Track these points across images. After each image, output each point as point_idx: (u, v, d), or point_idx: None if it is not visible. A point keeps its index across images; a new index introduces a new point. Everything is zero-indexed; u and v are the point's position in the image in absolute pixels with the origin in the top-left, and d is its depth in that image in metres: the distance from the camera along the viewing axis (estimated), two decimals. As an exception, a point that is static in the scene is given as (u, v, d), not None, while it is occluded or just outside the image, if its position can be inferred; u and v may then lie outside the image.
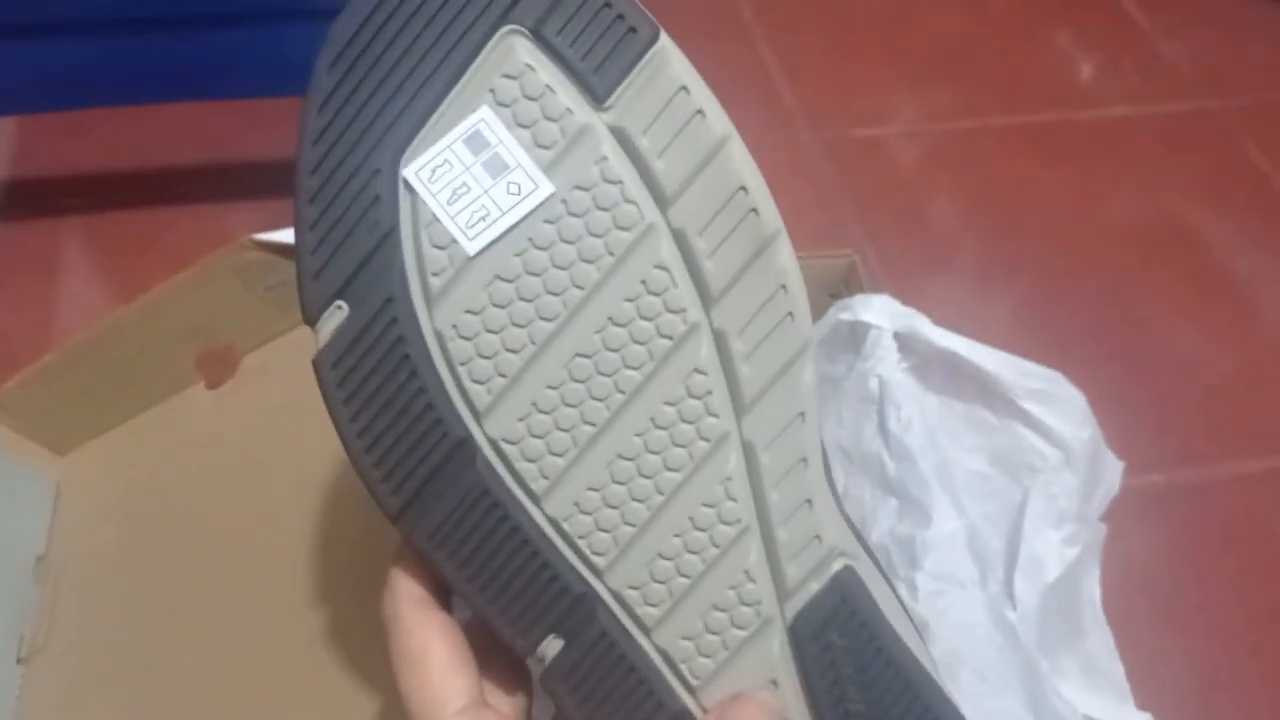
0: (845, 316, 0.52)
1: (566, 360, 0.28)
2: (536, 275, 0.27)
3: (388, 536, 0.31)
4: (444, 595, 0.32)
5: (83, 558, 0.55)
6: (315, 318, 0.28)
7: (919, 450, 0.47)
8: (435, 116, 0.27)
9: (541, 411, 0.28)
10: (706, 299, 0.28)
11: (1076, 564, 0.53)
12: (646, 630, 0.30)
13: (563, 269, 0.28)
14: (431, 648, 0.30)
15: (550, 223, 0.27)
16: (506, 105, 0.27)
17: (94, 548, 0.55)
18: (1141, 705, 0.54)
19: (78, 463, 0.58)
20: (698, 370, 0.28)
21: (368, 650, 0.48)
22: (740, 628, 0.30)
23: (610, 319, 0.28)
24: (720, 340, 0.29)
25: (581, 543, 0.29)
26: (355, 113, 0.27)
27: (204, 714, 0.48)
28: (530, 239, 0.27)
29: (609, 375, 0.28)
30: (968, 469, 0.52)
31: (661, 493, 0.29)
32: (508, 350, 0.28)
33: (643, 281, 0.28)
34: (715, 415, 0.29)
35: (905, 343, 0.51)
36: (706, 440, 0.29)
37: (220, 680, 0.49)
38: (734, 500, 0.29)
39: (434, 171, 0.27)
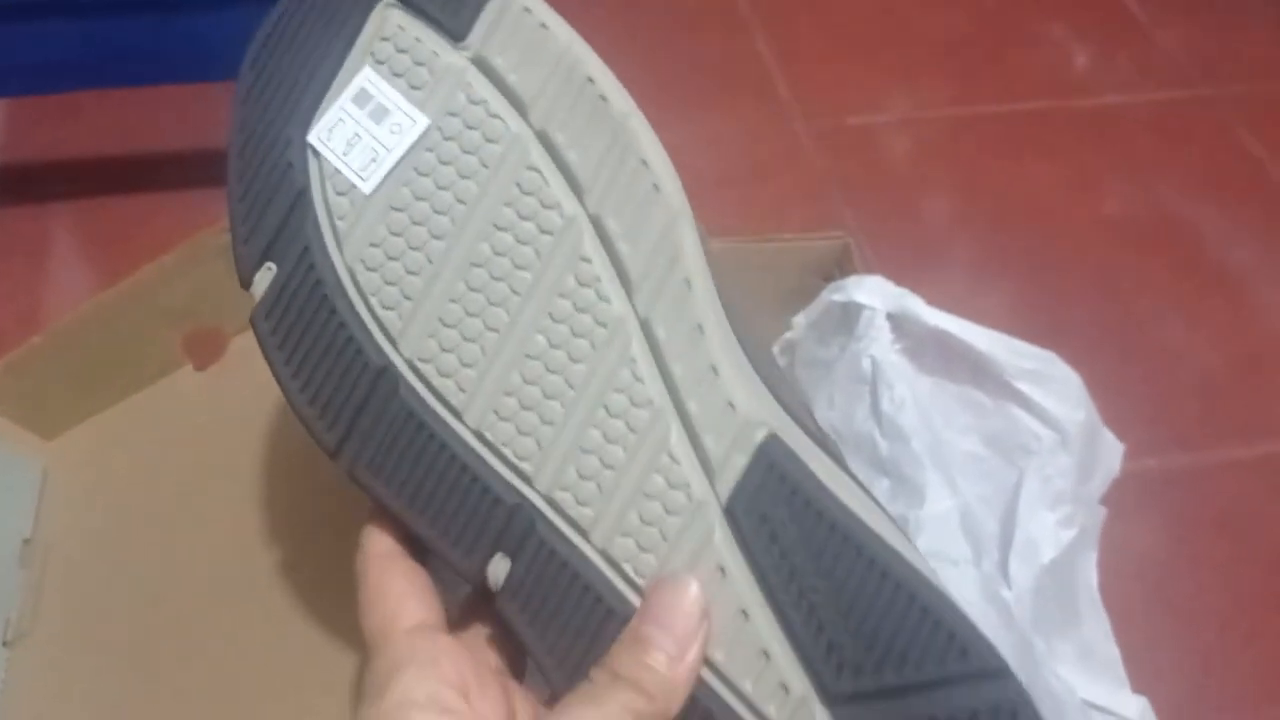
0: (838, 297, 0.51)
1: (462, 273, 0.30)
2: (424, 200, 0.31)
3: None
4: (414, 547, 0.33)
5: (70, 541, 0.54)
6: (249, 280, 0.32)
7: (912, 430, 0.47)
8: (332, 87, 0.32)
9: (448, 326, 0.30)
10: (577, 189, 0.31)
11: (1073, 546, 0.52)
12: (585, 533, 0.30)
13: (445, 189, 0.31)
14: (392, 584, 0.32)
15: (430, 150, 0.31)
16: (383, 62, 0.32)
17: (81, 531, 0.55)
18: (1136, 689, 0.53)
19: (65, 446, 0.58)
20: (582, 259, 0.30)
21: (359, 631, 0.47)
22: (674, 514, 0.29)
23: (495, 225, 0.30)
24: (598, 225, 0.30)
25: (506, 450, 0.30)
26: (270, 99, 0.32)
27: (191, 697, 0.48)
28: (415, 168, 0.31)
29: (502, 279, 0.30)
30: (961, 450, 0.52)
31: (572, 386, 0.30)
32: (409, 274, 0.31)
33: (517, 184, 0.31)
34: (607, 300, 0.30)
35: (898, 323, 0.51)
36: (603, 325, 0.30)
37: (207, 663, 0.48)
38: (641, 381, 0.30)
39: (330, 131, 0.31)
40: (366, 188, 0.31)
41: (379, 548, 0.33)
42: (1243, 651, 0.58)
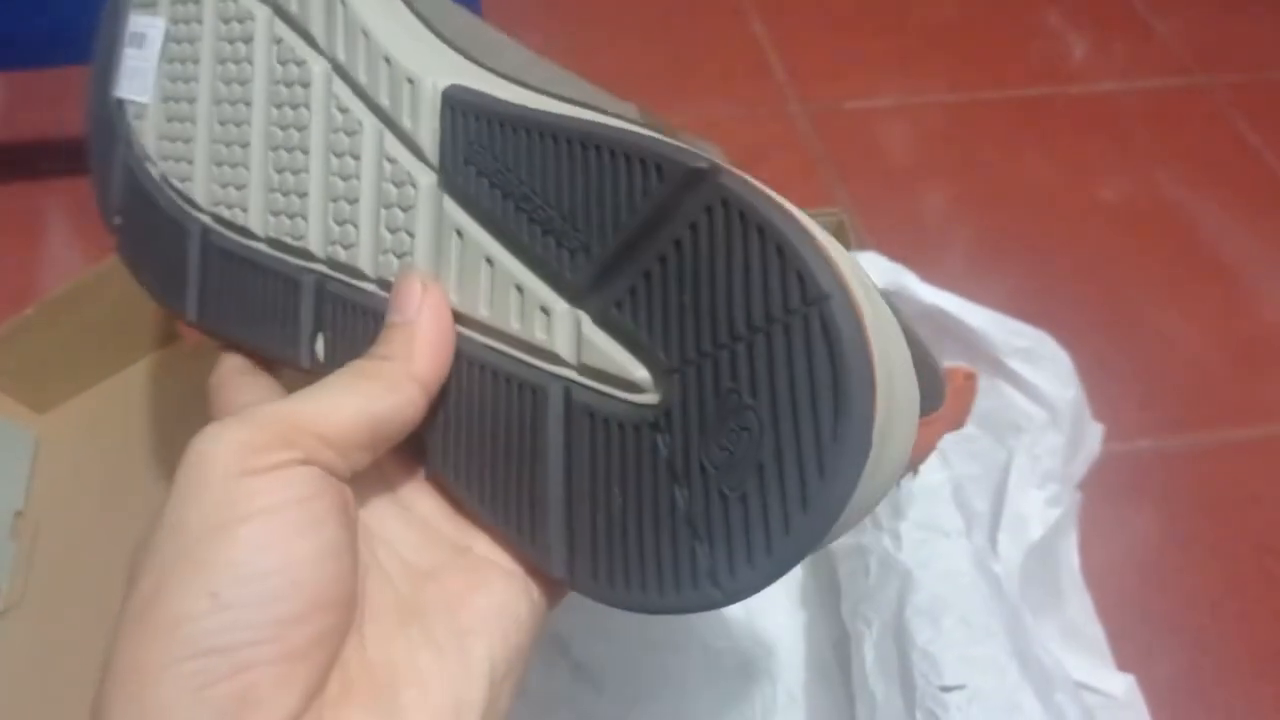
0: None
1: (214, 107, 0.36)
2: (180, 78, 0.36)
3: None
4: (264, 362, 0.35)
5: (62, 513, 0.54)
6: (111, 220, 0.39)
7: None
8: (121, 40, 0.38)
9: (223, 164, 0.35)
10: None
11: (1058, 526, 0.53)
12: (362, 273, 0.32)
13: (189, 58, 0.36)
14: (241, 396, 0.33)
15: (176, 42, 0.37)
16: (139, 3, 0.38)
17: (73, 504, 0.55)
18: (1129, 668, 0.54)
19: (58, 419, 0.58)
20: (276, 40, 0.34)
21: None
22: (410, 208, 0.31)
23: (217, 59, 0.36)
24: (282, 14, 0.34)
25: (286, 239, 0.34)
26: (100, 70, 0.39)
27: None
28: (168, 60, 0.37)
29: (238, 100, 0.35)
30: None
31: (307, 151, 0.33)
32: (181, 121, 0.36)
33: (222, 20, 0.36)
34: (302, 62, 0.33)
35: (893, 300, 0.51)
36: (304, 85, 0.33)
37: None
38: (347, 110, 0.32)
39: (126, 79, 0.38)
40: (148, 99, 0.37)
41: (230, 363, 0.34)
42: (1234, 631, 0.59)
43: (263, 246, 0.34)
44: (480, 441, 0.29)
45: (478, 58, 0.32)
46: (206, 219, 0.36)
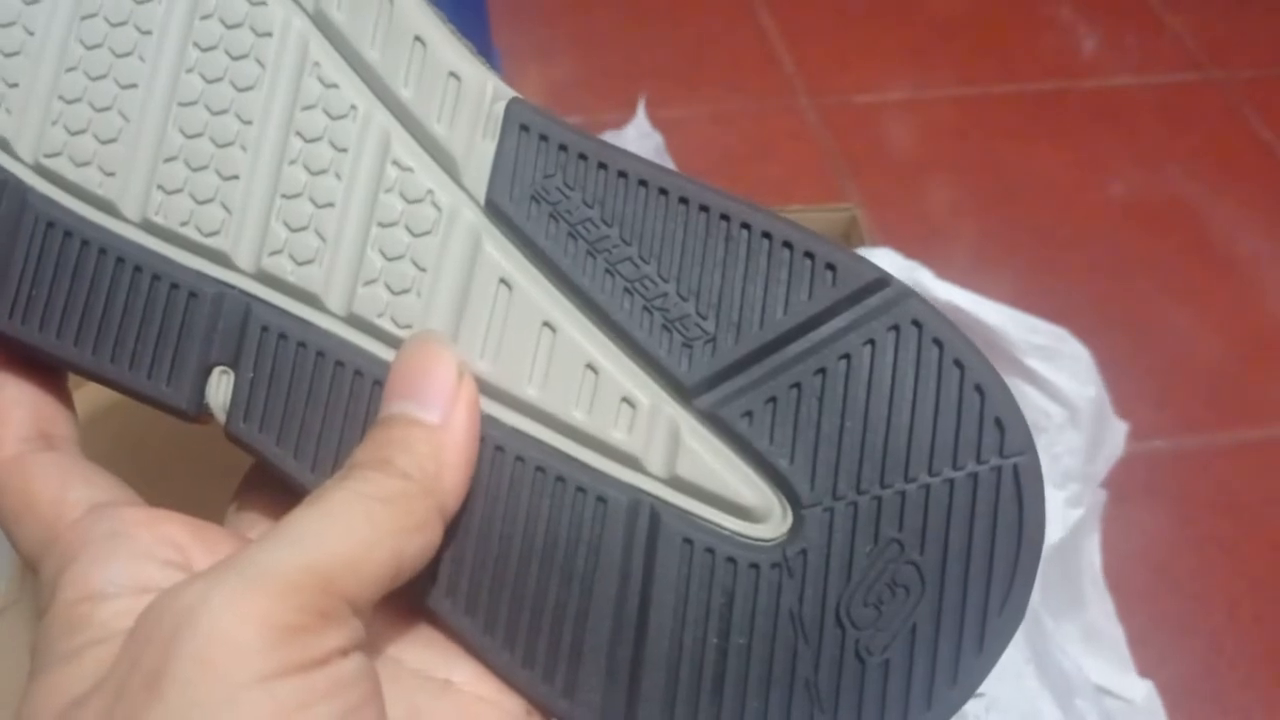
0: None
1: (72, 30, 0.25)
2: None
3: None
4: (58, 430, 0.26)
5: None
6: None
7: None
8: None
9: (70, 101, 0.25)
10: None
11: (1079, 527, 0.52)
12: (317, 300, 0.24)
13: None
14: (37, 481, 0.24)
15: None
16: None
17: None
18: (1144, 671, 0.53)
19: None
20: None
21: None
22: (425, 234, 0.23)
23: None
24: None
25: (186, 230, 0.24)
26: None
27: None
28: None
29: (124, 22, 0.25)
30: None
31: (246, 120, 0.24)
32: (6, 57, 0.25)
33: None
34: (263, 3, 0.24)
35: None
36: (267, 34, 0.24)
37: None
38: (334, 86, 0.24)
39: None
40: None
41: (5, 447, 0.24)
42: (1251, 633, 0.58)
43: (127, 229, 0.24)
44: (504, 564, 0.23)
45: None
46: (23, 170, 0.25)
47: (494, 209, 0.23)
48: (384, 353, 0.24)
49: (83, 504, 0.23)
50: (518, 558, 0.23)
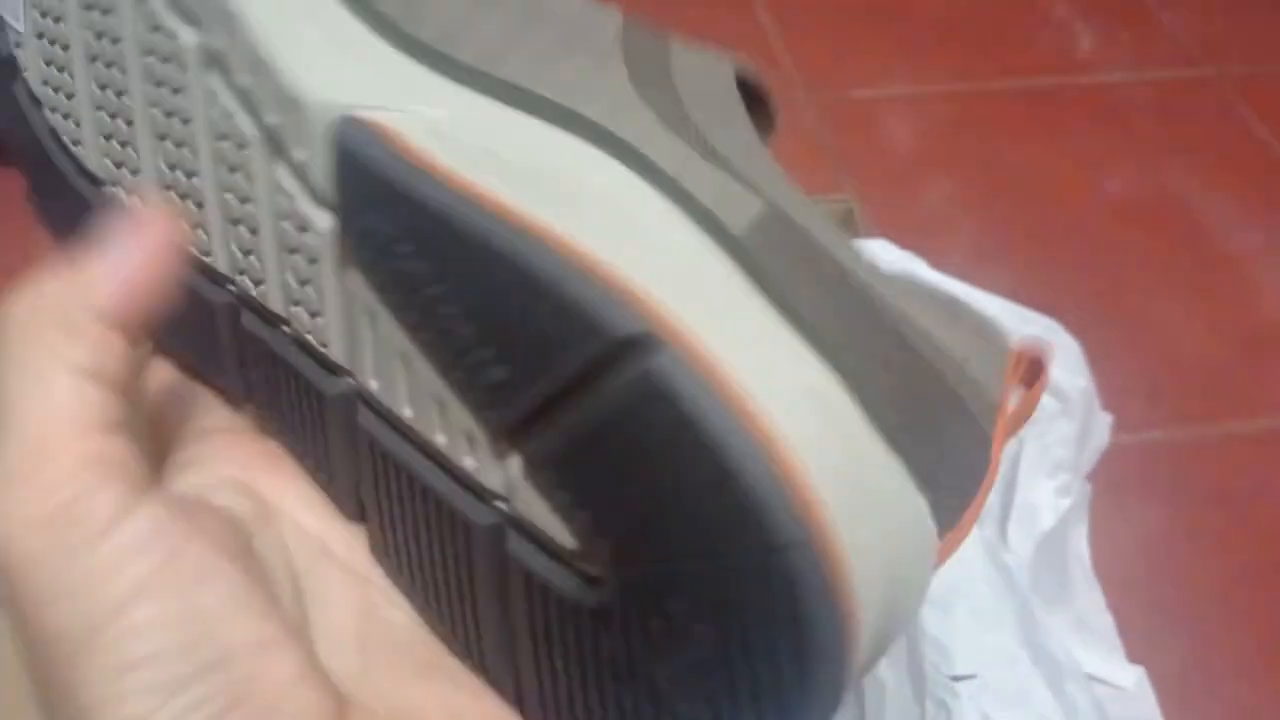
0: (841, 261, 0.51)
1: (91, 69, 0.27)
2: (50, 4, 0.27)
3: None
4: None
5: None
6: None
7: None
8: None
9: (106, 114, 0.27)
10: None
11: (1068, 516, 0.52)
12: (280, 319, 0.25)
13: None
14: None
15: None
16: None
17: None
18: (1135, 660, 0.53)
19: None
20: (153, 24, 0.25)
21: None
22: (315, 260, 0.23)
23: (83, 4, 0.27)
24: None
25: (184, 228, 0.26)
26: None
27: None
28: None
29: (118, 69, 0.26)
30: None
31: (196, 153, 0.25)
32: (64, 71, 0.28)
33: None
34: (173, 35, 0.24)
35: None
36: (182, 68, 0.25)
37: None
38: (231, 116, 0.24)
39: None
40: (21, 26, 0.29)
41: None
42: (1242, 623, 0.58)
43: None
44: (415, 553, 0.24)
45: (439, 46, 0.24)
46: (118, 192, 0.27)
47: (347, 238, 0.22)
48: (314, 372, 0.25)
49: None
50: (423, 551, 0.23)
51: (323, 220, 0.22)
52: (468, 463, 0.21)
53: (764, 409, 0.17)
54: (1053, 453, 0.51)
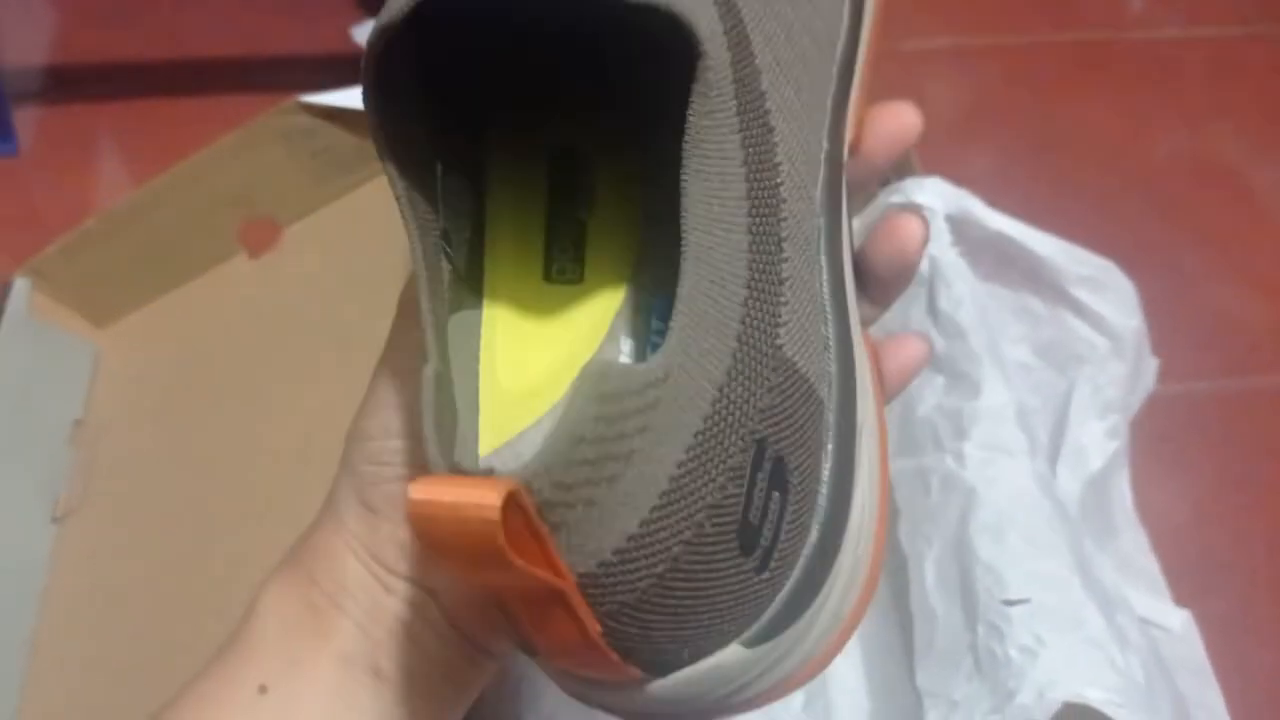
0: (896, 199, 0.51)
1: None
2: None
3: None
4: None
5: (120, 423, 0.55)
6: None
7: (969, 326, 0.46)
8: None
9: None
10: None
11: (1115, 458, 0.52)
12: None
13: None
14: None
15: None
16: None
17: (132, 414, 0.55)
18: (1182, 603, 0.53)
19: (118, 330, 0.58)
20: None
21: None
22: None
23: None
24: None
25: None
26: None
27: (240, 569, 0.48)
28: None
29: None
30: (1013, 360, 0.52)
31: None
32: None
33: None
34: None
35: (956, 226, 0.51)
36: None
37: (255, 536, 0.49)
38: None
39: None
40: None
41: None
42: (1290, 572, 0.58)
43: None
44: None
45: None
46: None
47: None
48: None
49: None
50: None
51: None
52: None
53: None
54: (1104, 394, 0.51)
